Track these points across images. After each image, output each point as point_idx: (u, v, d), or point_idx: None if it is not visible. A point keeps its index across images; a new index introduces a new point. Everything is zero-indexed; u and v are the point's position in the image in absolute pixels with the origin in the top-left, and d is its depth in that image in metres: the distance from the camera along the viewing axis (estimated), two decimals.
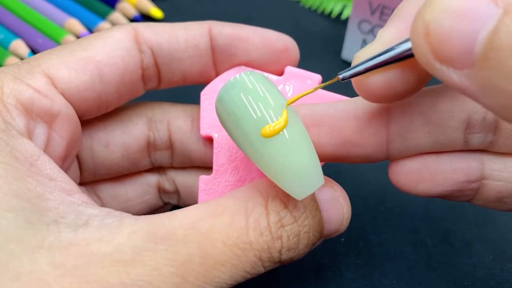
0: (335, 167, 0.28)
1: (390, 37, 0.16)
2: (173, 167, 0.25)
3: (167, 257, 0.15)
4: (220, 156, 0.22)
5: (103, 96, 0.21)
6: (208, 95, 0.23)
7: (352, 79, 0.16)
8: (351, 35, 0.36)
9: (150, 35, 0.22)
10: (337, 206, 0.19)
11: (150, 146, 0.24)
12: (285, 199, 0.17)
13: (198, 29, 0.22)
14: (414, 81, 0.16)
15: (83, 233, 0.15)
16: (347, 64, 0.37)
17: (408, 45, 0.15)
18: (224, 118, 0.18)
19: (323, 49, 0.38)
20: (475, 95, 0.13)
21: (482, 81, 0.12)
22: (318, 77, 0.23)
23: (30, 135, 0.18)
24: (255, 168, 0.22)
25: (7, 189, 0.15)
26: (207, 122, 0.23)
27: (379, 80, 0.16)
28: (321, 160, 0.18)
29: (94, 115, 0.22)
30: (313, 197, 0.18)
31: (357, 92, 0.17)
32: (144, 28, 0.22)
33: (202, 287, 0.16)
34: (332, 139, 0.18)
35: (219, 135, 0.22)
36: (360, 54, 0.16)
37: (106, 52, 0.20)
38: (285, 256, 0.17)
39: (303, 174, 0.16)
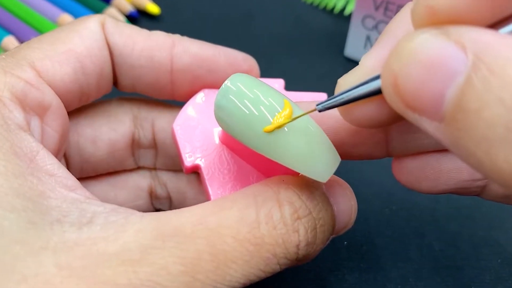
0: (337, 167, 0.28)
1: (372, 64, 0.15)
2: (165, 170, 0.25)
3: (176, 254, 0.15)
4: (214, 182, 0.21)
5: (85, 87, 0.21)
6: (181, 125, 0.22)
7: (338, 108, 0.16)
8: (355, 32, 0.35)
9: (110, 33, 0.22)
10: (345, 199, 0.19)
11: (134, 143, 0.24)
12: (298, 190, 0.17)
13: (159, 41, 0.22)
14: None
15: (88, 232, 0.15)
16: (350, 62, 0.37)
17: (380, 83, 0.14)
18: (228, 122, 0.17)
19: (325, 47, 0.38)
20: (448, 147, 0.12)
21: (452, 139, 0.12)
22: (281, 81, 0.23)
23: (28, 128, 0.18)
24: (252, 179, 0.21)
25: (8, 187, 0.15)
26: (188, 152, 0.21)
27: (362, 111, 0.15)
28: None
29: (75, 107, 0.22)
30: (323, 191, 0.18)
31: (343, 119, 0.17)
32: (109, 23, 0.22)
33: (213, 286, 0.15)
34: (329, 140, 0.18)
35: (205, 160, 0.21)
36: (342, 81, 0.16)
37: (85, 44, 0.21)
38: (303, 251, 0.17)
39: (322, 152, 0.16)
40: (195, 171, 0.22)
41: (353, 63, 0.16)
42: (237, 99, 0.17)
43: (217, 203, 0.17)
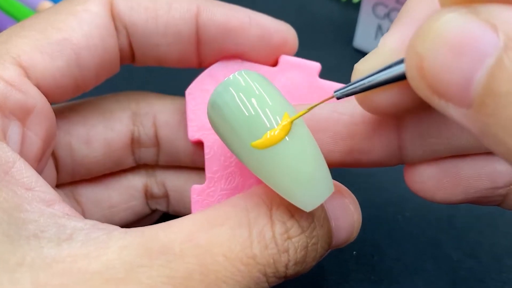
0: (344, 170, 0.28)
1: (394, 46, 0.15)
2: (162, 167, 0.25)
3: (164, 273, 0.15)
4: (213, 162, 0.21)
5: (80, 80, 0.20)
6: (194, 94, 0.22)
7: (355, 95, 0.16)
8: (365, 21, 0.35)
9: (126, 11, 0.20)
10: (346, 214, 0.19)
11: (134, 142, 0.24)
12: (291, 207, 0.17)
13: (183, 11, 0.21)
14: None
15: (67, 248, 0.15)
16: (359, 54, 0.36)
17: (403, 68, 0.14)
18: (218, 124, 0.17)
19: (332, 37, 0.38)
20: (476, 135, 0.12)
21: (480, 126, 0.12)
22: (317, 66, 0.22)
23: (4, 136, 0.17)
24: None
25: None
26: (195, 125, 0.22)
27: (382, 97, 0.15)
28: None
29: (67, 99, 0.21)
30: (321, 205, 0.18)
31: (360, 106, 0.17)
32: (120, 0, 0.21)
33: None
34: (337, 146, 0.18)
35: (211, 139, 0.22)
36: (360, 67, 0.16)
37: (84, 31, 0.19)
38: (292, 270, 0.17)
39: (310, 182, 0.16)
40: (200, 144, 0.22)
41: (363, 55, 0.16)
42: (235, 103, 0.17)
43: (207, 217, 0.17)
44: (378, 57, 0.15)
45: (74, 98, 0.22)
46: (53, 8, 0.20)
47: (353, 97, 0.16)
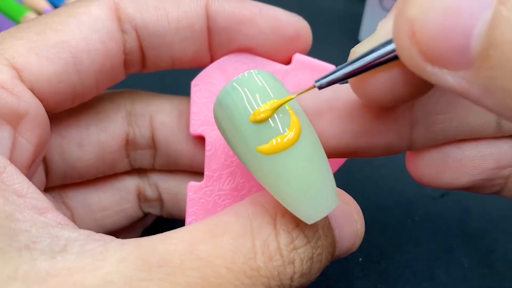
0: (350, 172, 0.29)
1: (390, 30, 0.15)
2: (156, 170, 0.25)
3: (164, 287, 0.15)
4: (213, 160, 0.21)
5: (79, 87, 0.20)
6: (200, 86, 0.22)
7: (349, 80, 0.16)
8: (371, 13, 0.35)
9: (135, 12, 0.20)
10: (350, 223, 0.18)
11: (129, 144, 0.23)
12: (296, 216, 0.17)
13: (193, 4, 0.21)
14: (420, 83, 0.15)
15: (62, 261, 0.15)
16: None
17: (392, 46, 0.14)
18: (224, 125, 0.17)
19: (337, 31, 0.38)
20: (477, 98, 0.12)
21: (484, 83, 0.12)
22: (331, 68, 0.22)
23: None
24: None
25: None
26: (198, 118, 0.22)
27: (374, 83, 0.15)
28: (334, 156, 0.18)
29: (66, 108, 0.21)
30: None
31: (356, 95, 0.17)
32: (126, 2, 0.20)
33: None
34: (347, 127, 0.18)
35: (213, 135, 0.21)
36: (356, 50, 0.16)
37: (83, 34, 0.19)
38: (297, 283, 0.17)
39: (315, 194, 0.16)
40: (202, 139, 0.22)
41: None
42: (243, 103, 0.16)
43: (208, 227, 0.16)
44: (375, 40, 0.15)
45: None
46: (54, 11, 0.20)
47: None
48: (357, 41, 0.36)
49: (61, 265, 0.15)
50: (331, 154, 0.18)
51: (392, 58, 0.14)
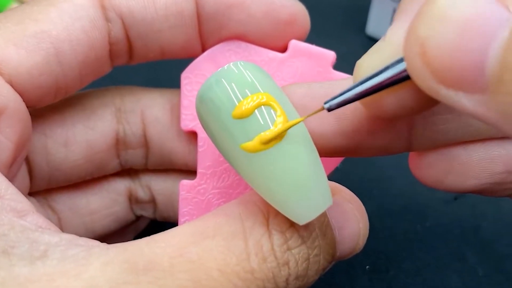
0: (355, 173, 0.29)
1: (402, 38, 0.15)
2: (148, 170, 0.25)
3: None
4: (206, 157, 0.21)
5: (62, 80, 0.20)
6: (190, 78, 0.22)
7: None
8: (379, 5, 0.35)
9: None
10: (351, 222, 0.18)
11: (119, 143, 0.23)
12: None
13: None
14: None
15: (42, 267, 0.15)
16: (373, 41, 0.36)
17: (404, 65, 0.14)
18: (206, 121, 0.17)
19: (343, 24, 0.38)
20: (496, 123, 0.12)
21: (502, 109, 0.12)
22: (331, 55, 0.22)
23: None
24: None
25: None
26: (189, 113, 0.22)
27: (387, 102, 0.15)
28: (328, 155, 0.18)
29: (48, 103, 0.21)
30: (323, 212, 0.17)
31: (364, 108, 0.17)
32: None
33: None
34: (340, 126, 0.18)
35: None
36: (364, 63, 0.15)
37: (65, 23, 0.19)
38: (293, 285, 0.17)
39: (305, 193, 0.16)
40: (194, 134, 0.22)
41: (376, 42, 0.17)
42: (227, 97, 0.16)
43: (197, 228, 0.16)
44: (383, 52, 0.15)
45: None
46: (31, 2, 0.20)
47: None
48: (364, 34, 0.37)
49: (42, 271, 0.15)
50: (324, 153, 0.18)
51: (404, 78, 0.14)
